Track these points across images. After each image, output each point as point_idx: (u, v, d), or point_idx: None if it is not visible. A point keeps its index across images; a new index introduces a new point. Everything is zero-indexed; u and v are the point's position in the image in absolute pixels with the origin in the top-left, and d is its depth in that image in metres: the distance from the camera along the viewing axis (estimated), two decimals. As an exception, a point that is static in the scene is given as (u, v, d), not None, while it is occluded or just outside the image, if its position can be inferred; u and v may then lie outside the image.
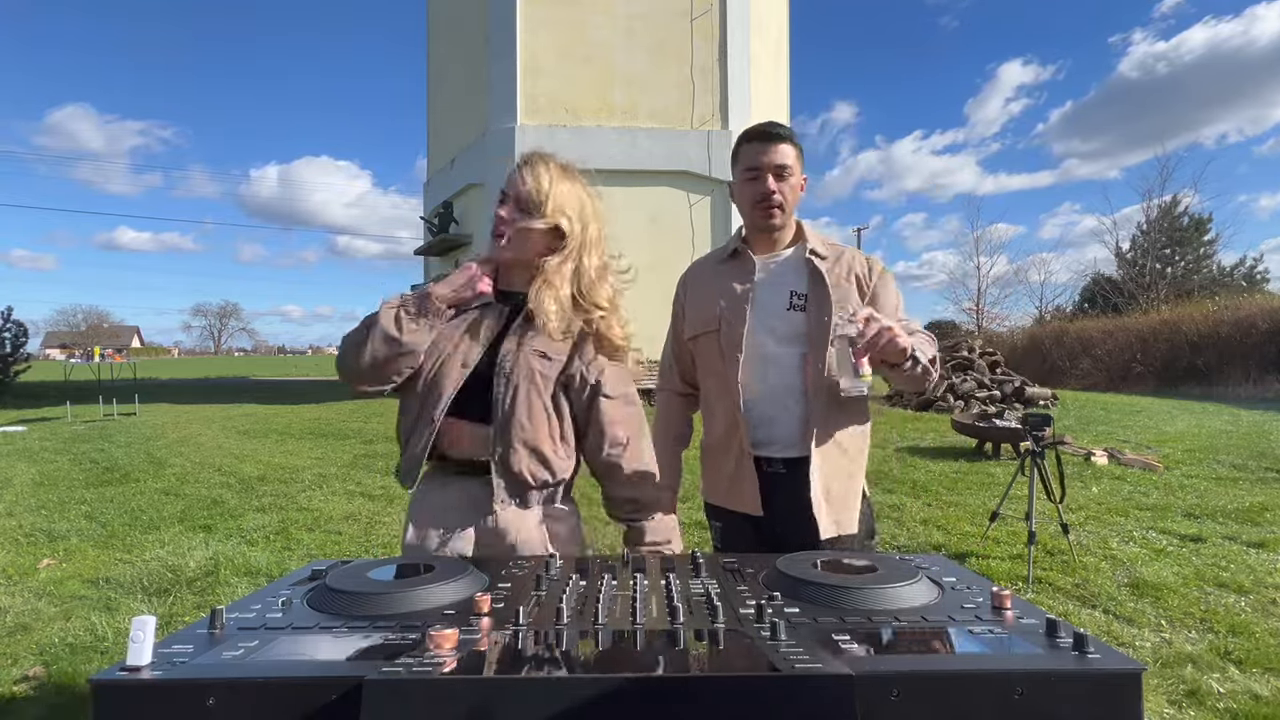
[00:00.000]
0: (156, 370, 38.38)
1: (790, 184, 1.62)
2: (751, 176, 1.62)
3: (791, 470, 1.57)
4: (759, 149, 1.60)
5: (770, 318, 1.60)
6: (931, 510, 4.99)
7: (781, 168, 1.60)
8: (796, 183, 1.64)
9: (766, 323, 1.60)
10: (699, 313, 1.70)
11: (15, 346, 17.37)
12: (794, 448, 1.57)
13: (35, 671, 2.64)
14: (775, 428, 1.58)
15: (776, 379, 1.58)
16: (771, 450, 1.59)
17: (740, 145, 1.65)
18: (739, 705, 0.59)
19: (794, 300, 1.60)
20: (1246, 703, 2.34)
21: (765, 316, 1.61)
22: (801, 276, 1.62)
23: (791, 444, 1.58)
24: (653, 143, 11.89)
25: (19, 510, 5.31)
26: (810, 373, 1.56)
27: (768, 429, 1.59)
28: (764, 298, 1.62)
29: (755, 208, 1.63)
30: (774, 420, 1.58)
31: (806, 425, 1.56)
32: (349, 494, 5.76)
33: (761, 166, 1.60)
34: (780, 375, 1.58)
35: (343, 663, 0.66)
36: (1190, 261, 27.23)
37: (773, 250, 1.68)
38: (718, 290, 1.67)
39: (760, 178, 1.61)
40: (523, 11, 11.80)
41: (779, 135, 1.60)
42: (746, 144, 1.63)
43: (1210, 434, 8.37)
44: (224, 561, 3.91)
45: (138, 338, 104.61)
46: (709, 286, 1.71)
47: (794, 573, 0.92)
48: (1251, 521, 4.60)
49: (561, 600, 0.82)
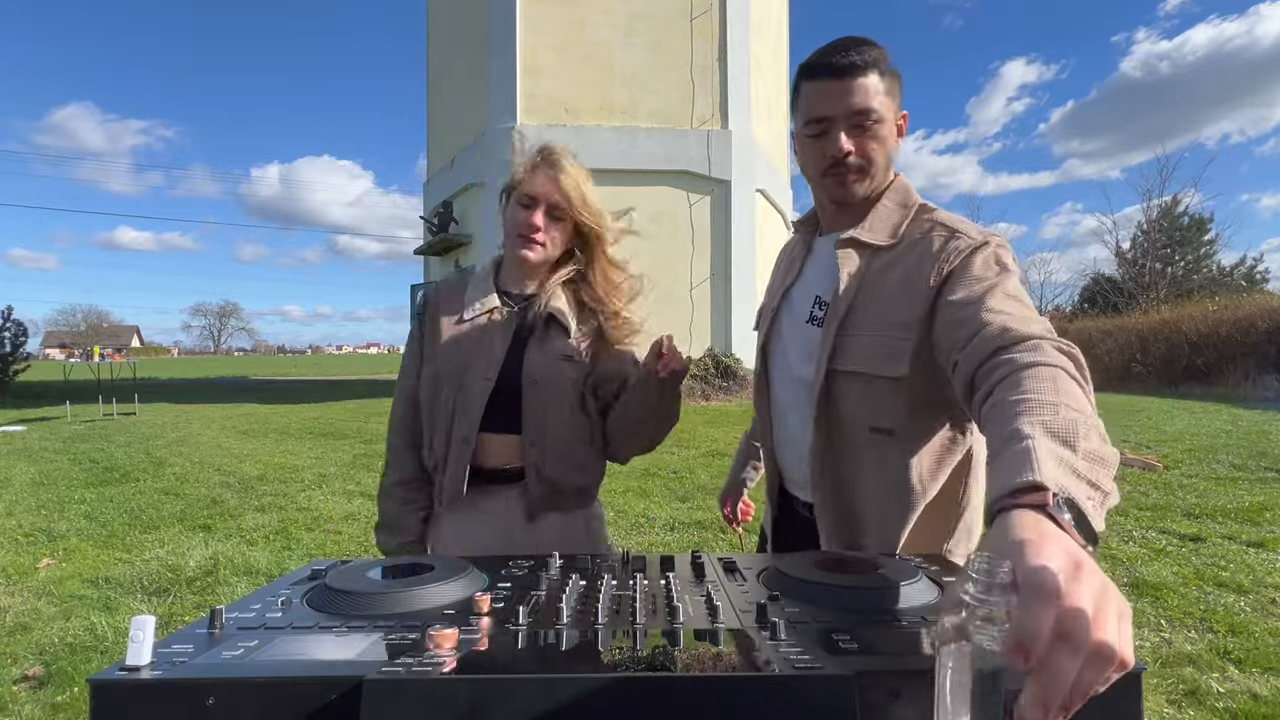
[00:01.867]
0: (156, 370, 38.38)
1: (878, 133, 1.11)
2: (817, 131, 1.12)
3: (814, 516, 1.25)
4: (824, 90, 1.10)
5: (790, 331, 1.26)
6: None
7: (862, 113, 1.09)
8: (890, 129, 1.12)
9: (786, 337, 1.27)
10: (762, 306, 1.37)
11: (15, 346, 17.37)
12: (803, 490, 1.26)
13: (35, 671, 2.64)
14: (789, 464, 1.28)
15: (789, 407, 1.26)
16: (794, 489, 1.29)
17: (800, 83, 1.14)
18: (739, 705, 0.59)
19: (815, 310, 1.20)
20: (1246, 702, 2.34)
21: (788, 328, 1.27)
22: (831, 275, 1.17)
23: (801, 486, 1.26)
24: (653, 143, 11.89)
25: (19, 510, 5.31)
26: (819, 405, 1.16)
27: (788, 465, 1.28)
28: (796, 302, 1.25)
29: (825, 176, 1.15)
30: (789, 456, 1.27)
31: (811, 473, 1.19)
32: (349, 494, 5.76)
33: (831, 116, 1.10)
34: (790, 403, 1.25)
35: (343, 663, 0.66)
36: (1190, 261, 27.25)
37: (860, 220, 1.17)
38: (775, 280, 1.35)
39: (830, 131, 1.11)
40: (523, 11, 11.80)
41: (853, 65, 1.07)
42: (807, 81, 1.13)
43: (1210, 434, 8.37)
44: (224, 561, 3.91)
45: (137, 337, 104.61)
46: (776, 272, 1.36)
47: (794, 573, 0.92)
48: (1251, 521, 4.60)
49: (561, 600, 0.81)
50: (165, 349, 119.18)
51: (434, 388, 1.35)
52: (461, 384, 1.32)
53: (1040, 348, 0.84)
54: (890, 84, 1.11)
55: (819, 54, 1.12)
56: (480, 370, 1.32)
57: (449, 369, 1.34)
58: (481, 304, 1.37)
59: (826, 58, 1.10)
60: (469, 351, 1.34)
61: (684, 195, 12.08)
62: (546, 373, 1.33)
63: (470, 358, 1.33)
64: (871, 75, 1.08)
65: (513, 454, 1.33)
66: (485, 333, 1.35)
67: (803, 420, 1.20)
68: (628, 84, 12.06)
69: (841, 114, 1.09)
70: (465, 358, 1.33)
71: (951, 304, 1.00)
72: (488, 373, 1.32)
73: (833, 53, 1.09)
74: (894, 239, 1.14)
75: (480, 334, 1.35)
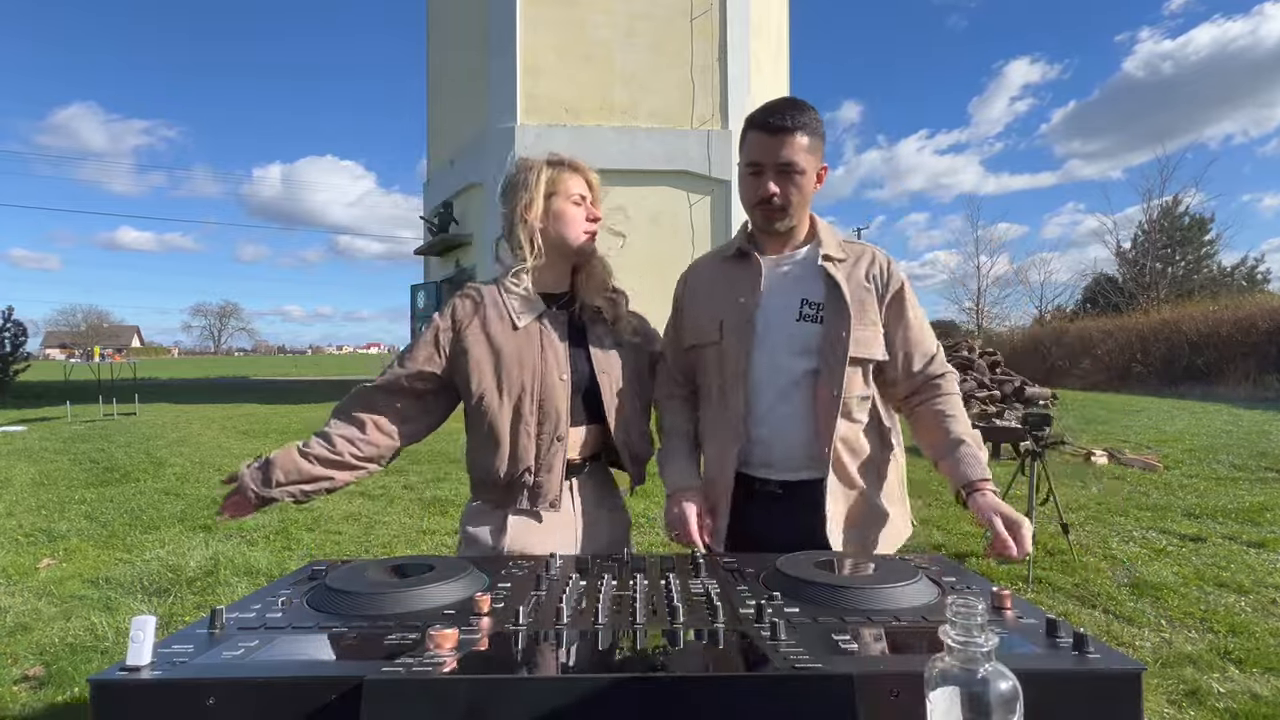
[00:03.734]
0: (156, 370, 38.38)
1: (799, 182, 1.39)
2: (752, 172, 1.41)
3: (789, 492, 1.42)
4: (762, 141, 1.38)
5: (777, 330, 1.42)
6: (931, 510, 4.98)
7: (787, 165, 1.37)
8: (809, 180, 1.40)
9: (773, 335, 1.42)
10: (699, 321, 1.51)
11: (15, 346, 17.37)
12: (796, 470, 1.42)
13: (35, 671, 2.64)
14: (774, 449, 1.42)
15: (779, 397, 1.41)
16: (767, 472, 1.43)
17: (745, 131, 1.42)
18: (739, 705, 0.59)
19: (805, 310, 1.41)
20: (1246, 702, 2.34)
21: (772, 328, 1.43)
22: (815, 282, 1.43)
23: (792, 467, 1.42)
24: (653, 142, 11.88)
25: (19, 510, 5.31)
26: (821, 391, 1.39)
27: (765, 450, 1.43)
28: (772, 306, 1.43)
29: (755, 208, 1.44)
30: (773, 442, 1.42)
31: (815, 447, 1.39)
32: (349, 494, 5.76)
33: (763, 163, 1.38)
34: (785, 393, 1.41)
35: (343, 663, 0.66)
36: (1191, 261, 27.24)
37: (782, 250, 1.48)
38: (720, 296, 1.49)
39: (761, 174, 1.39)
40: (523, 11, 11.79)
41: (785, 126, 1.35)
42: (751, 130, 1.40)
43: (1210, 434, 8.37)
44: (224, 561, 3.91)
45: (137, 337, 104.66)
46: (711, 291, 1.52)
47: (794, 573, 0.92)
48: (1251, 521, 4.60)
49: (561, 600, 0.81)
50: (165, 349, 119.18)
51: (509, 401, 1.40)
52: (541, 388, 1.41)
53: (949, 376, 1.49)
54: (815, 143, 1.39)
55: (764, 110, 1.39)
56: (555, 372, 1.42)
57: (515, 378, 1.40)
58: (530, 311, 1.46)
59: (767, 115, 1.38)
60: (535, 357, 1.42)
61: (684, 195, 12.07)
62: (611, 362, 1.49)
63: (539, 363, 1.42)
64: (800, 136, 1.36)
65: (593, 443, 1.48)
66: (545, 338, 1.44)
67: (804, 405, 1.40)
68: (628, 84, 12.06)
69: (770, 163, 1.38)
70: (534, 364, 1.41)
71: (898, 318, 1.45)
72: (562, 373, 1.42)
73: (773, 112, 1.37)
74: (843, 255, 1.46)
75: (540, 339, 1.44)
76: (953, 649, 0.54)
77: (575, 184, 1.49)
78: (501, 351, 1.41)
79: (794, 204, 1.40)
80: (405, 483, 6.07)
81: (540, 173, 1.47)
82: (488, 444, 1.41)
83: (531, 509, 1.41)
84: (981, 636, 0.53)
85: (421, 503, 5.47)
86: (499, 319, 1.43)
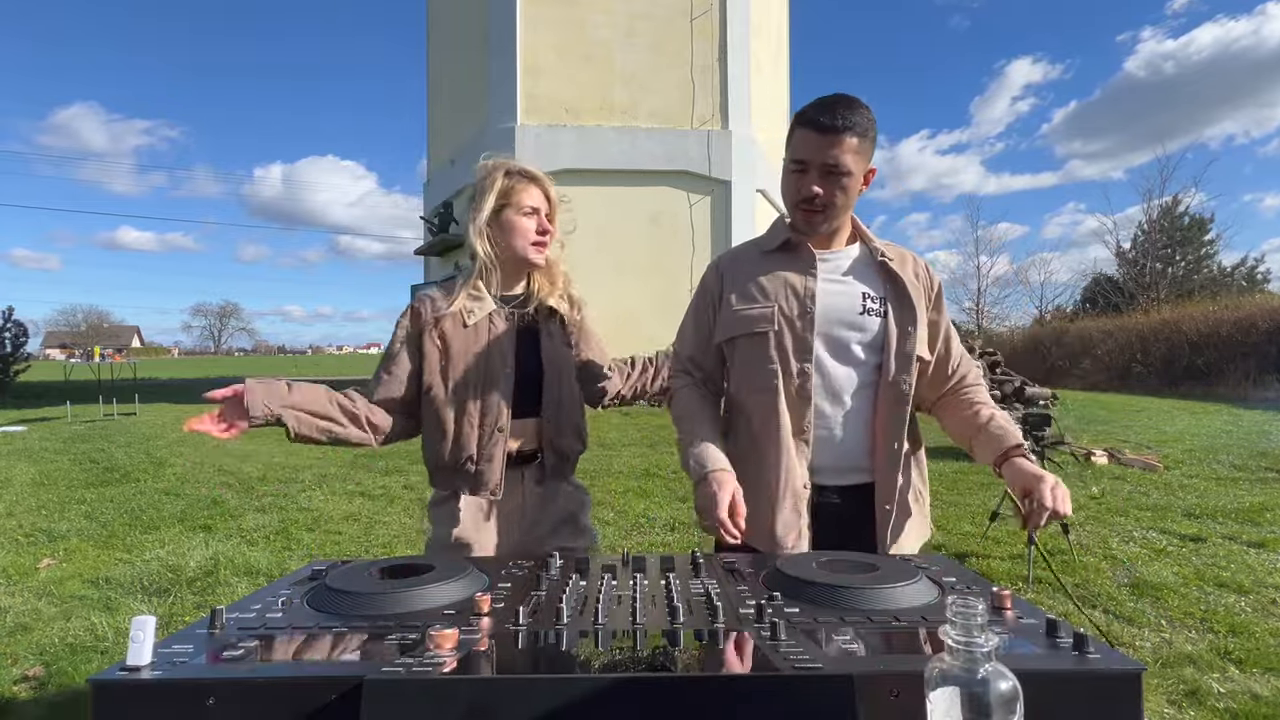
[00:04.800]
0: (156, 370, 38.38)
1: (845, 184, 1.33)
2: (797, 169, 1.35)
3: (847, 500, 1.38)
4: (810, 139, 1.31)
5: (838, 323, 1.37)
6: (932, 510, 4.98)
7: (834, 166, 1.31)
8: (855, 183, 1.34)
9: (834, 328, 1.37)
10: (746, 310, 1.40)
11: (15, 346, 17.37)
12: (856, 473, 1.38)
13: (35, 671, 2.64)
14: (837, 451, 1.37)
15: (843, 393, 1.36)
16: (827, 478, 1.38)
17: (794, 127, 1.35)
18: (739, 705, 0.59)
19: (868, 304, 1.37)
20: (1246, 703, 2.34)
21: (834, 320, 1.37)
22: (874, 278, 1.40)
23: (852, 469, 1.38)
24: (653, 143, 11.88)
25: (19, 510, 5.31)
26: (883, 385, 1.36)
27: (830, 452, 1.37)
28: (831, 298, 1.37)
29: (796, 208, 1.38)
30: (837, 442, 1.37)
31: (873, 446, 1.37)
32: (349, 494, 5.76)
33: (809, 162, 1.32)
34: (848, 389, 1.37)
35: (343, 663, 0.66)
36: (1191, 261, 27.25)
37: (829, 247, 1.43)
38: (771, 284, 1.40)
39: (806, 173, 1.33)
40: (523, 11, 11.79)
41: (835, 126, 1.29)
42: (800, 127, 1.33)
43: (1210, 434, 8.37)
44: (224, 561, 3.91)
45: (137, 337, 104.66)
46: (758, 279, 1.41)
47: (794, 573, 0.92)
48: (1251, 521, 4.60)
49: (561, 600, 0.81)
50: (165, 349, 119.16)
51: (454, 393, 1.48)
52: (484, 381, 1.48)
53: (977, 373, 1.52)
54: (865, 145, 1.33)
55: (816, 106, 1.32)
56: (499, 365, 1.49)
57: (466, 372, 1.48)
58: (480, 309, 1.52)
59: (819, 114, 1.30)
60: (483, 353, 1.49)
61: (684, 195, 12.07)
62: (558, 358, 1.55)
63: (486, 357, 1.49)
64: (850, 137, 1.29)
65: (530, 435, 1.52)
66: (492, 334, 1.51)
67: (866, 401, 1.37)
68: (628, 84, 12.06)
69: (817, 163, 1.32)
70: (482, 358, 1.49)
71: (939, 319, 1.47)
72: (506, 366, 1.49)
73: (825, 110, 1.30)
74: (892, 255, 1.43)
75: (488, 336, 1.51)
76: (953, 649, 0.54)
77: (529, 196, 1.53)
78: (450, 347, 1.49)
79: (838, 207, 1.35)
80: (405, 483, 6.07)
81: (495, 181, 1.53)
82: (435, 433, 1.50)
83: (473, 495, 1.49)
84: (981, 636, 0.53)
85: (421, 503, 5.47)
86: (451, 317, 1.50)
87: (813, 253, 1.40)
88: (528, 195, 1.53)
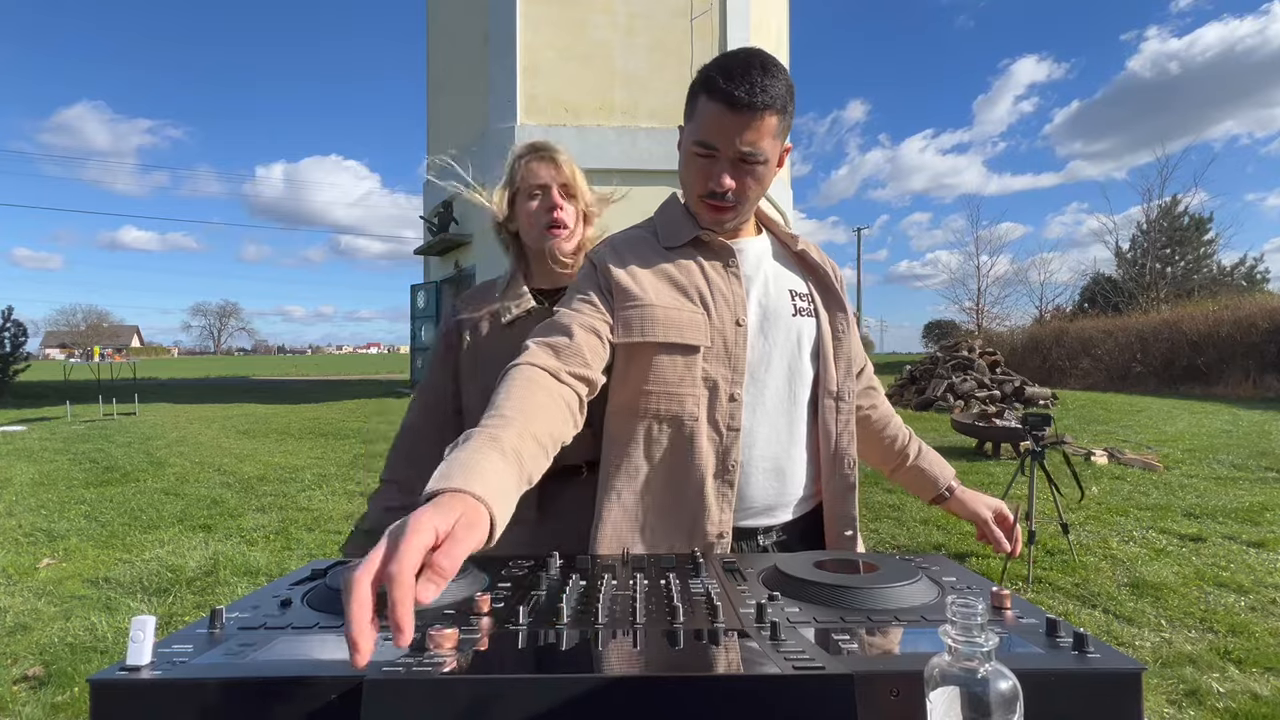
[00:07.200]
0: (156, 370, 38.38)
1: (760, 174, 1.10)
2: (703, 154, 1.09)
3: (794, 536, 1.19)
4: (722, 120, 1.05)
5: (771, 332, 1.15)
6: (931, 510, 4.99)
7: (750, 154, 1.06)
8: (770, 170, 1.11)
9: (767, 338, 1.15)
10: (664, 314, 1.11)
11: (15, 346, 17.36)
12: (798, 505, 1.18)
13: (35, 671, 2.64)
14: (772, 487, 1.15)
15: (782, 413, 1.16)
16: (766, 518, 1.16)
17: (698, 94, 1.07)
18: (739, 705, 0.59)
19: (797, 302, 1.18)
20: (1246, 702, 2.34)
21: (766, 329, 1.15)
22: (793, 272, 1.22)
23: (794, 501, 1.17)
24: (653, 142, 11.88)
25: (19, 510, 5.31)
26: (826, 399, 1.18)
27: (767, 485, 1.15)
28: (761, 300, 1.16)
29: (700, 200, 1.13)
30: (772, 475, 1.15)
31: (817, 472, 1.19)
32: (349, 494, 5.76)
33: (719, 148, 1.07)
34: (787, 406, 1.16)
35: (343, 663, 0.66)
36: (1190, 261, 27.28)
37: (735, 237, 1.20)
38: (691, 286, 1.14)
39: (714, 159, 1.08)
40: (523, 11, 11.80)
41: (754, 104, 1.02)
42: (708, 99, 1.05)
43: (1210, 434, 8.38)
44: (224, 561, 3.91)
45: (137, 337, 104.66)
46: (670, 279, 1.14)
47: (794, 573, 0.92)
48: (1251, 521, 4.60)
49: (561, 600, 0.81)
50: (165, 349, 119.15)
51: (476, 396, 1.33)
52: None
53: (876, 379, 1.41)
54: (785, 122, 1.08)
55: (725, 73, 1.04)
56: None
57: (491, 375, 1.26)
58: (517, 306, 1.35)
59: (732, 84, 1.03)
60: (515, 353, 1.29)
61: (684, 195, 12.08)
62: None
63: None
64: (770, 116, 1.04)
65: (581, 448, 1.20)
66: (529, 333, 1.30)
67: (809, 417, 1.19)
68: (628, 84, 12.06)
69: (731, 151, 1.06)
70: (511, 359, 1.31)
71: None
72: None
73: (739, 79, 1.02)
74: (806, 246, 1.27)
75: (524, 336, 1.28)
76: (953, 649, 0.54)
77: (532, 174, 1.35)
78: (483, 348, 1.35)
79: (751, 200, 1.13)
80: (405, 483, 6.08)
81: (509, 167, 1.38)
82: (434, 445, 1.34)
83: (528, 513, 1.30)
84: (981, 636, 0.53)
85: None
86: (489, 317, 1.38)
87: (732, 250, 1.16)
88: (531, 173, 1.35)
